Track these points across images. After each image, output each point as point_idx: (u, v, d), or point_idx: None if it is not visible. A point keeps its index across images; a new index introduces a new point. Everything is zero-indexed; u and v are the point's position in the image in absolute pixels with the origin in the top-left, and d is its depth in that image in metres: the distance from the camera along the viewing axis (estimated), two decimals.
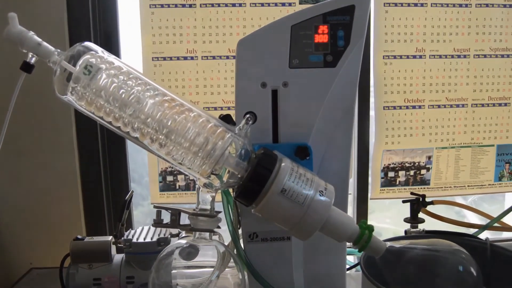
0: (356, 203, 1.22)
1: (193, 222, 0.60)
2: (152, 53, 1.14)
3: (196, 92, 1.16)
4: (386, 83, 1.18)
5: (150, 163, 1.18)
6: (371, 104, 1.20)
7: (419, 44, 1.19)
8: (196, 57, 1.15)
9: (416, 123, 1.21)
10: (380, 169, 1.22)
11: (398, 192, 1.24)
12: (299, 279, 0.77)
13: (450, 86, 1.22)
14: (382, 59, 1.18)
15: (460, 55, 1.21)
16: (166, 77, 1.15)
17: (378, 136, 1.20)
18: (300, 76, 0.70)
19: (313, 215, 0.55)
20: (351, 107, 0.72)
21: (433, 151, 1.23)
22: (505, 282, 0.67)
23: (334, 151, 0.73)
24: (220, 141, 0.56)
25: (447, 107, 1.22)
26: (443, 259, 0.62)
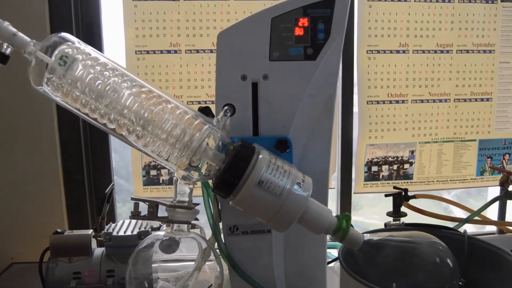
0: (339, 197, 1.23)
1: (171, 214, 0.60)
2: (135, 46, 1.13)
3: (179, 86, 1.15)
4: (369, 77, 1.19)
5: (133, 158, 1.17)
6: (355, 99, 1.20)
7: (403, 39, 1.19)
8: (179, 50, 1.14)
9: (399, 117, 1.22)
10: (364, 164, 1.23)
11: (381, 186, 1.25)
12: (280, 272, 0.78)
13: (433, 81, 1.22)
14: (365, 54, 1.18)
15: (443, 50, 1.22)
16: (150, 70, 1.14)
17: (361, 130, 1.21)
18: (280, 69, 0.70)
19: (290, 207, 0.55)
20: (332, 100, 0.72)
21: (416, 145, 1.24)
22: (482, 273, 0.68)
23: (315, 144, 0.73)
24: (197, 132, 0.56)
25: (430, 102, 1.23)
26: (421, 251, 0.63)
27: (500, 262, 0.65)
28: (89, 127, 1.14)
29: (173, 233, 0.62)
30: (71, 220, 1.12)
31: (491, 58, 1.25)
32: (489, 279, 0.67)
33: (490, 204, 1.03)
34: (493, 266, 0.66)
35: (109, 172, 1.18)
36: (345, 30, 0.71)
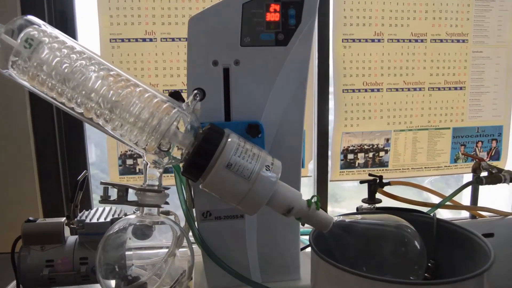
0: (316, 185, 1.24)
1: (140, 198, 0.60)
2: (109, 35, 1.12)
3: (155, 75, 1.14)
4: (345, 66, 1.20)
5: (109, 147, 1.16)
6: (330, 87, 1.21)
7: (378, 28, 1.20)
8: (155, 39, 1.13)
9: (374, 106, 1.23)
10: (340, 152, 1.24)
11: (357, 174, 1.26)
12: (253, 257, 0.78)
13: (408, 69, 1.24)
14: (341, 43, 1.19)
15: (417, 39, 1.23)
16: (125, 59, 1.13)
17: (337, 119, 1.22)
18: (251, 54, 0.70)
19: (259, 189, 0.56)
20: (303, 86, 0.73)
21: (391, 133, 1.26)
22: (450, 253, 0.69)
23: (287, 128, 0.73)
24: (166, 116, 0.56)
25: (404, 91, 1.25)
26: (389, 233, 0.64)
27: (466, 241, 0.67)
28: (63, 115, 1.13)
29: (143, 217, 0.62)
30: (46, 209, 1.11)
31: (465, 47, 1.27)
32: (456, 258, 0.68)
33: (461, 190, 1.05)
34: (460, 246, 0.67)
35: (85, 161, 1.17)
36: (316, 16, 0.71)
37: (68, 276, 0.79)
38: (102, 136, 1.18)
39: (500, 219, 1.09)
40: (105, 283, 0.68)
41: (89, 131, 1.22)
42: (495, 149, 1.35)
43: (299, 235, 0.80)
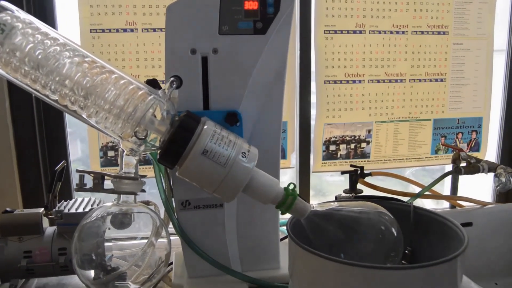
0: (298, 176, 1.24)
1: (116, 185, 0.60)
2: (90, 25, 1.11)
3: (136, 65, 1.14)
4: (327, 57, 1.20)
5: (90, 138, 1.15)
6: (312, 79, 1.21)
7: (359, 20, 1.21)
8: (136, 29, 1.12)
9: (356, 97, 1.24)
10: (322, 143, 1.24)
11: (339, 165, 1.27)
12: (233, 246, 0.78)
13: (389, 61, 1.25)
14: (323, 34, 1.19)
15: (399, 31, 1.24)
16: (105, 49, 1.12)
17: (319, 110, 1.22)
18: (230, 42, 0.70)
19: (235, 176, 0.56)
20: (282, 74, 0.73)
21: (373, 125, 1.27)
22: (426, 240, 0.70)
23: (266, 117, 0.74)
24: (141, 102, 0.55)
25: (386, 82, 1.25)
26: (366, 220, 0.64)
27: (441, 228, 0.67)
28: (43, 106, 1.11)
29: (119, 205, 0.62)
30: (26, 200, 1.10)
31: (445, 39, 1.28)
32: (432, 245, 0.69)
33: (440, 180, 1.06)
34: (436, 233, 0.68)
35: (65, 152, 1.15)
36: (295, 4, 0.71)
37: (46, 267, 0.79)
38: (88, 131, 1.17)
39: (479, 208, 1.11)
40: (81, 273, 0.67)
41: (75, 127, 1.22)
42: (475, 140, 1.36)
43: (278, 224, 0.80)
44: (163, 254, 0.78)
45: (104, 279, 0.73)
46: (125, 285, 0.70)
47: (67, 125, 1.17)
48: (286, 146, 1.22)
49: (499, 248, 1.11)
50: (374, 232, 0.64)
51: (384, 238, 0.63)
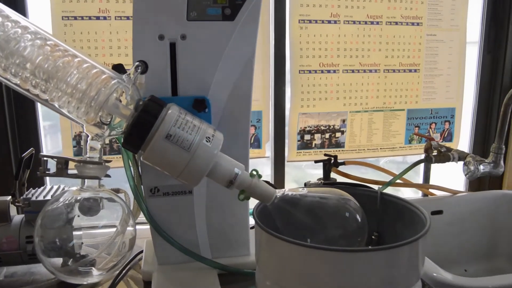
0: (273, 165, 1.25)
1: (80, 170, 0.59)
2: (62, 12, 1.09)
3: (109, 54, 1.12)
4: (301, 47, 1.20)
5: (63, 127, 1.14)
6: (287, 68, 1.21)
7: (334, 10, 1.21)
8: (109, 17, 1.11)
9: (331, 87, 1.25)
10: (297, 132, 1.25)
11: (314, 154, 1.27)
12: (203, 233, 0.79)
13: (364, 51, 1.25)
14: (297, 24, 1.19)
15: (373, 21, 1.25)
16: (78, 37, 1.11)
17: (293, 99, 1.22)
18: (198, 29, 0.69)
19: (199, 161, 0.56)
20: (251, 62, 0.73)
21: (347, 114, 1.28)
22: (393, 226, 0.71)
23: (235, 104, 0.74)
24: (104, 86, 0.55)
25: (360, 72, 1.26)
26: (331, 206, 0.65)
27: (406, 213, 0.68)
28: (13, 93, 1.09)
29: (83, 190, 0.61)
30: None
31: (419, 30, 1.29)
32: (398, 230, 0.70)
33: (411, 168, 1.07)
34: (402, 218, 0.69)
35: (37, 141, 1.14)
36: None
37: (14, 255, 0.78)
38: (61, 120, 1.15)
39: (449, 197, 1.12)
40: (47, 260, 0.67)
41: (56, 119, 1.19)
42: (448, 130, 1.38)
43: (248, 211, 0.80)
44: (132, 240, 0.78)
45: (72, 266, 0.72)
46: (88, 270, 0.70)
47: (46, 117, 1.16)
48: (261, 135, 1.22)
49: (469, 236, 1.13)
50: (339, 218, 0.65)
51: (349, 223, 0.64)
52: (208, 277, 0.75)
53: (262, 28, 1.16)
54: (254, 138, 1.22)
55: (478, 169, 1.01)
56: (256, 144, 1.22)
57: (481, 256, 1.14)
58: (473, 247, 1.14)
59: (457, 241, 1.12)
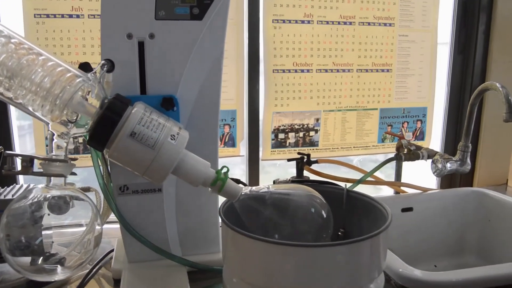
0: (248, 164, 1.26)
1: (45, 168, 0.60)
2: (34, 10, 1.08)
3: (83, 52, 1.12)
4: (275, 46, 1.21)
5: (36, 127, 1.13)
6: (261, 68, 1.22)
7: (307, 10, 1.22)
8: (82, 15, 1.11)
9: (304, 86, 1.26)
10: (271, 131, 1.26)
11: (288, 153, 1.29)
12: (173, 230, 0.79)
13: (337, 51, 1.27)
14: (271, 23, 1.20)
15: (346, 22, 1.27)
16: (50, 35, 1.10)
17: (267, 98, 1.24)
18: (166, 28, 0.70)
19: (163, 158, 0.57)
20: (219, 61, 0.74)
21: (321, 113, 1.29)
22: (359, 222, 0.73)
23: (204, 103, 0.75)
24: (69, 85, 0.55)
25: (333, 72, 1.28)
26: (297, 203, 0.66)
27: (371, 209, 0.70)
28: None
29: (48, 188, 0.62)
30: None
31: (391, 31, 1.32)
32: (363, 226, 0.72)
33: (381, 166, 1.10)
34: (366, 214, 0.71)
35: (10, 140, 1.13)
36: None
37: None
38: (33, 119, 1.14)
39: (419, 194, 1.15)
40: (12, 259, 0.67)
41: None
42: (420, 129, 1.41)
43: (217, 209, 0.81)
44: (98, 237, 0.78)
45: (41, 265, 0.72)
46: (54, 268, 0.70)
47: (26, 116, 1.14)
48: (235, 134, 1.23)
49: (438, 232, 1.15)
50: (304, 214, 0.66)
51: (314, 219, 0.66)
52: (177, 274, 0.76)
53: (236, 27, 1.18)
54: (228, 137, 1.23)
55: (445, 167, 1.03)
56: (230, 143, 1.23)
57: (451, 252, 1.17)
58: (443, 243, 1.17)
59: (427, 237, 1.15)
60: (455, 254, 1.17)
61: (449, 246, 1.17)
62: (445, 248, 1.17)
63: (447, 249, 1.17)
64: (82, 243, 0.77)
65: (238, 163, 1.30)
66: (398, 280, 0.75)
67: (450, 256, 1.16)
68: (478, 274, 0.75)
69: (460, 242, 1.18)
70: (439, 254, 1.16)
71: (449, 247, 1.17)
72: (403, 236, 1.12)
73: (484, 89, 0.98)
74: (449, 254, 1.17)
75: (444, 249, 1.17)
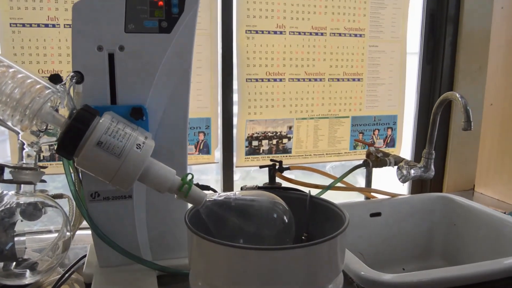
0: (222, 171, 1.29)
1: (15, 175, 0.62)
2: (10, 19, 1.10)
3: (59, 61, 1.14)
4: (248, 56, 1.25)
5: (11, 134, 1.15)
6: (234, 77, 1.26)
7: (280, 21, 1.26)
8: (58, 25, 1.13)
9: (277, 95, 1.30)
10: (245, 138, 1.29)
11: (262, 160, 1.32)
12: (143, 236, 0.82)
13: (309, 61, 1.31)
14: (244, 34, 1.24)
15: (318, 32, 1.31)
16: (26, 44, 1.12)
17: (241, 107, 1.27)
18: (136, 40, 0.73)
19: (129, 166, 0.59)
20: (187, 72, 0.77)
21: (294, 121, 1.33)
22: (321, 226, 0.76)
23: (172, 113, 0.78)
24: (38, 96, 0.58)
25: (306, 81, 1.32)
26: (260, 209, 0.69)
27: (331, 214, 0.74)
28: None
29: (18, 195, 0.64)
30: None
31: (361, 41, 1.36)
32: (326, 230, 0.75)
33: (349, 173, 1.14)
34: (328, 218, 0.74)
35: None
36: (198, 5, 0.75)
37: None
38: None
39: (388, 199, 1.19)
40: None
41: None
42: (391, 136, 1.46)
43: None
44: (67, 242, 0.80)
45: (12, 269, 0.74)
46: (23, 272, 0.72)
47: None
48: (210, 142, 1.26)
49: (406, 236, 1.19)
50: (267, 219, 0.69)
51: (276, 224, 0.69)
52: (147, 278, 0.78)
53: (210, 38, 1.21)
54: (203, 144, 1.26)
55: (410, 173, 1.07)
56: (205, 150, 1.26)
57: (418, 255, 1.21)
58: (411, 247, 1.20)
59: (395, 242, 1.19)
60: (422, 257, 1.21)
61: (416, 250, 1.21)
62: (413, 252, 1.21)
63: (415, 252, 1.21)
64: (52, 249, 0.79)
65: (212, 169, 1.32)
66: (360, 283, 0.78)
67: (418, 259, 1.20)
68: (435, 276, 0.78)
69: (427, 245, 1.22)
70: (407, 258, 1.20)
71: (416, 250, 1.21)
72: (372, 240, 1.15)
73: (445, 99, 1.03)
74: (417, 257, 1.20)
75: (412, 253, 1.20)
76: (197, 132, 1.24)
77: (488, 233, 1.08)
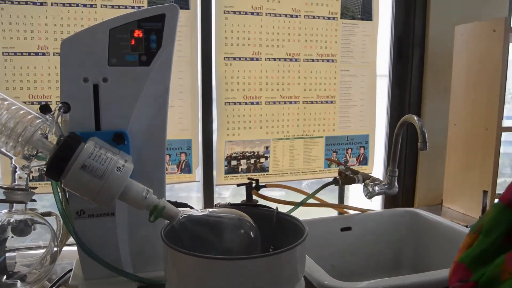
0: (203, 189, 1.37)
1: (8, 195, 0.69)
2: (2, 48, 1.18)
3: (48, 87, 1.22)
4: (227, 81, 1.34)
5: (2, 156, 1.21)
6: (214, 100, 1.34)
7: (256, 48, 1.36)
8: (48, 53, 1.21)
9: (254, 117, 1.38)
10: (224, 158, 1.37)
11: (240, 178, 1.40)
12: (125, 250, 0.89)
13: (284, 85, 1.40)
14: (223, 60, 1.33)
15: (292, 58, 1.40)
16: (17, 71, 1.19)
17: (220, 129, 1.35)
18: (118, 73, 0.81)
19: (109, 187, 0.67)
20: (165, 98, 0.85)
21: (270, 142, 1.42)
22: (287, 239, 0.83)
23: (151, 137, 0.86)
24: (30, 125, 0.65)
25: (281, 104, 1.41)
26: (229, 224, 0.77)
27: (295, 228, 0.81)
28: None
29: (11, 213, 0.71)
30: None
31: (333, 66, 1.46)
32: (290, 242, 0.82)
33: (319, 190, 1.22)
34: (293, 232, 0.82)
35: None
36: (175, 41, 0.84)
37: None
38: None
39: (358, 214, 1.27)
40: None
41: None
42: (363, 155, 1.55)
43: None
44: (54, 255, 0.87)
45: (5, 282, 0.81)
46: (14, 282, 0.79)
47: None
48: (191, 161, 1.34)
49: (376, 249, 1.27)
50: (234, 234, 0.77)
51: (243, 238, 0.76)
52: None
53: (191, 64, 1.29)
54: (185, 164, 1.33)
55: (374, 190, 1.16)
56: (186, 169, 1.34)
57: (388, 267, 1.29)
58: (380, 260, 1.28)
59: (366, 254, 1.26)
60: (392, 269, 1.28)
61: (386, 262, 1.29)
62: (383, 264, 1.28)
63: (385, 265, 1.28)
64: (40, 262, 0.85)
65: (193, 188, 1.40)
66: None
67: (388, 271, 1.28)
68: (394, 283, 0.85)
69: (397, 258, 1.30)
70: (377, 270, 1.27)
71: (386, 263, 1.29)
72: (343, 253, 1.23)
73: (405, 122, 1.12)
74: (386, 269, 1.28)
75: (382, 265, 1.28)
76: (179, 152, 1.32)
77: (450, 245, 1.16)
